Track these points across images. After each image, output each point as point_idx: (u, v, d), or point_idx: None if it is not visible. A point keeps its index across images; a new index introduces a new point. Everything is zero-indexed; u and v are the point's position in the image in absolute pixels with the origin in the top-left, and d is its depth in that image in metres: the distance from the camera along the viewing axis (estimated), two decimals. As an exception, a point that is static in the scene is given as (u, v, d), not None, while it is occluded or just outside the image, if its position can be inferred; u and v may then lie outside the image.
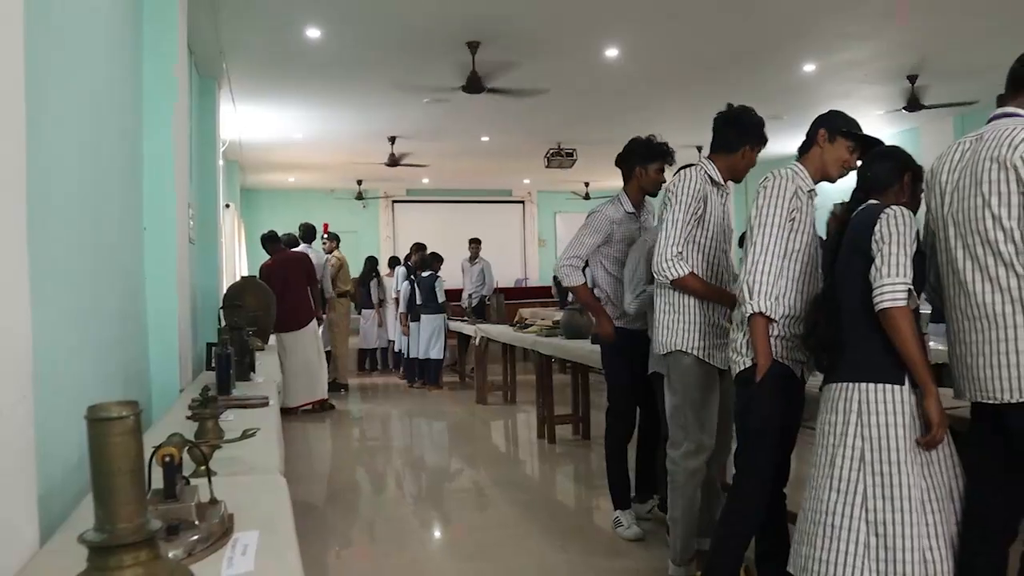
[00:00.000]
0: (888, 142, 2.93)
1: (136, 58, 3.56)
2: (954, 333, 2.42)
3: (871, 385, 2.46)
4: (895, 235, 2.43)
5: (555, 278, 13.11)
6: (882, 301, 2.38)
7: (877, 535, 2.42)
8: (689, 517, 3.36)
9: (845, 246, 2.60)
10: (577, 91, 8.80)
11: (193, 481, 1.56)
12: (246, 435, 1.98)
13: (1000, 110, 2.40)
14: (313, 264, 8.36)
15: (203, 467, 1.69)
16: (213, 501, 1.51)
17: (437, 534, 4.53)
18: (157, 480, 1.42)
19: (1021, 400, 2.21)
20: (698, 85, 8.29)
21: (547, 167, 12.09)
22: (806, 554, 2.56)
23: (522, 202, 18.09)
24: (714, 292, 3.30)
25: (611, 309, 4.19)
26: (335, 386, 9.15)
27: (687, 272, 3.23)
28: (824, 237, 3.04)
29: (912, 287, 2.40)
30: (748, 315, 2.76)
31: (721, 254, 3.39)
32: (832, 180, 2.99)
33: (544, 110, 9.55)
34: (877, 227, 2.47)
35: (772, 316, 2.75)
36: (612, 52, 7.38)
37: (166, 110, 3.78)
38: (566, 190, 16.90)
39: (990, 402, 2.29)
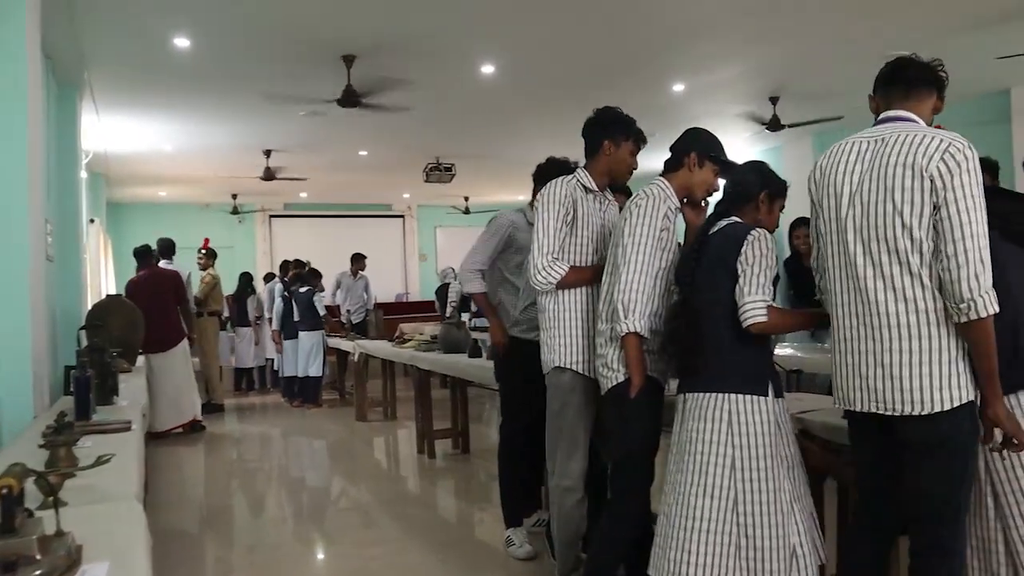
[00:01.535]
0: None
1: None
2: (846, 341, 2.35)
3: (739, 396, 2.58)
4: (758, 258, 2.59)
5: (437, 292, 13.14)
6: (747, 318, 2.54)
7: (747, 536, 2.54)
8: (568, 532, 3.33)
9: (709, 259, 2.69)
10: (454, 106, 8.84)
11: (40, 513, 1.49)
12: (100, 462, 1.90)
13: (892, 113, 2.39)
14: (183, 283, 8.09)
15: (50, 498, 1.60)
16: (59, 533, 1.44)
17: (318, 556, 4.44)
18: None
19: (923, 414, 2.19)
20: (572, 102, 8.42)
21: (426, 181, 12.07)
22: (675, 558, 2.62)
23: (402, 216, 17.99)
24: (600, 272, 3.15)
25: (507, 318, 4.08)
26: (210, 407, 8.84)
27: (566, 269, 3.15)
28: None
29: (772, 303, 2.58)
30: (623, 334, 2.80)
31: (599, 260, 3.26)
32: (696, 201, 3.05)
33: (422, 125, 9.54)
34: (743, 248, 2.60)
35: (645, 334, 2.81)
36: (488, 68, 7.46)
37: (17, 119, 3.58)
38: (446, 204, 16.91)
39: (886, 413, 2.26)
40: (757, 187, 2.80)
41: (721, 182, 3.02)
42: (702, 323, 2.65)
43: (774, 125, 9.23)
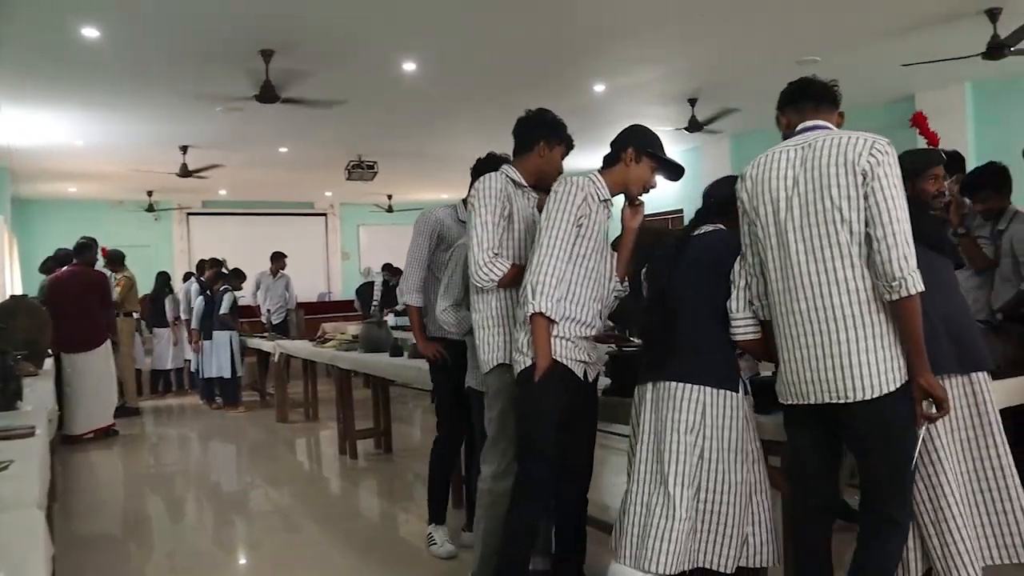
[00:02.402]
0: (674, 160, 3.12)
1: None
2: (793, 338, 2.45)
3: (713, 390, 2.66)
4: None
5: (358, 291, 13.03)
6: (739, 334, 2.66)
7: (703, 521, 2.67)
8: (492, 539, 3.23)
9: (691, 259, 2.79)
10: (376, 103, 8.78)
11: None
12: (-1, 468, 1.83)
13: (810, 123, 2.53)
14: (109, 284, 7.88)
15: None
16: (-48, 543, 1.39)
17: (240, 560, 4.36)
18: None
19: (873, 397, 2.31)
20: (495, 100, 8.47)
21: (348, 179, 11.97)
22: (639, 544, 2.68)
23: (324, 215, 17.78)
24: None
25: (435, 323, 3.89)
26: (125, 411, 8.58)
27: (508, 267, 3.09)
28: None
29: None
30: (529, 315, 2.82)
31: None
32: (632, 197, 3.07)
33: (343, 122, 9.44)
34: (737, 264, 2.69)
35: (553, 317, 2.83)
36: (409, 66, 7.43)
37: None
38: (369, 203, 16.78)
39: (839, 401, 2.36)
40: (732, 198, 2.80)
41: (658, 179, 3.08)
42: (679, 321, 2.74)
43: (693, 126, 9.43)
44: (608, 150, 3.09)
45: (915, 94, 9.05)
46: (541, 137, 3.27)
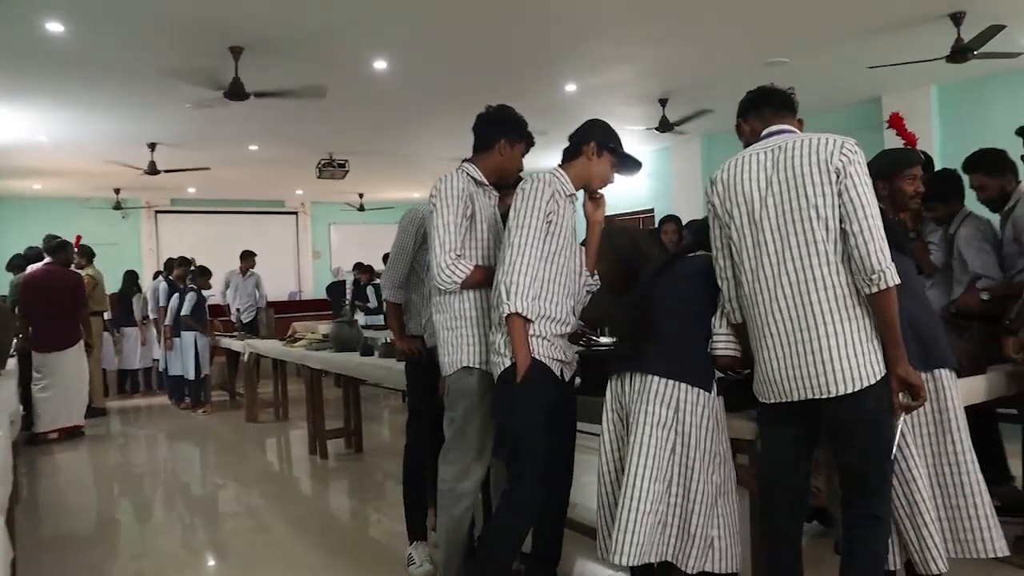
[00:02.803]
0: (645, 160, 3.15)
1: None
2: (773, 337, 2.48)
3: (688, 386, 2.69)
4: None
5: (328, 290, 12.96)
6: (719, 351, 2.73)
7: (674, 515, 2.69)
8: (455, 537, 3.23)
9: (682, 274, 2.88)
10: (347, 102, 8.71)
11: None
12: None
13: (776, 128, 2.60)
14: (84, 285, 7.83)
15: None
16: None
17: (208, 561, 4.32)
18: None
19: (855, 390, 2.35)
20: (467, 99, 8.35)
21: (319, 177, 11.88)
22: (617, 537, 2.70)
23: (295, 213, 17.65)
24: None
25: (417, 317, 3.83)
26: (91, 411, 8.47)
27: (471, 268, 3.05)
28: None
29: None
30: (505, 315, 2.81)
31: (496, 256, 3.13)
32: (592, 191, 3.09)
33: (314, 120, 9.38)
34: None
35: (529, 316, 2.82)
36: (380, 64, 7.39)
37: None
38: (340, 201, 16.67)
39: (822, 397, 2.39)
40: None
41: (616, 175, 3.11)
42: (661, 320, 2.78)
43: (663, 126, 9.48)
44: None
45: (882, 96, 9.16)
46: (503, 135, 3.24)
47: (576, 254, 3.07)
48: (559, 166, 3.08)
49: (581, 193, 3.13)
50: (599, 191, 3.15)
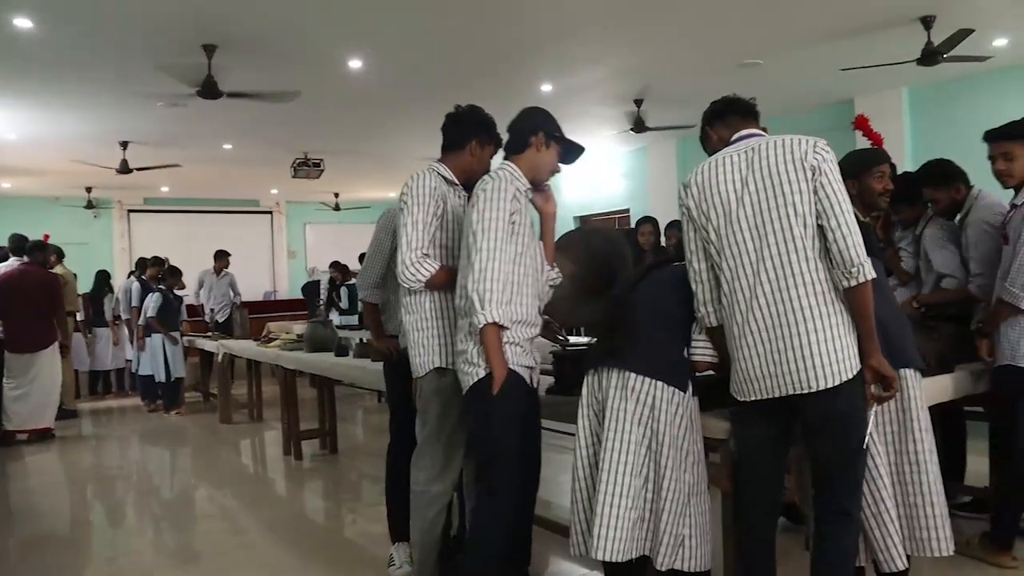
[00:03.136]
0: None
1: None
2: (751, 334, 2.49)
3: (664, 385, 2.69)
4: None
5: (304, 290, 12.90)
6: (698, 355, 2.78)
7: (651, 511, 2.70)
8: (429, 538, 3.22)
9: (664, 280, 2.90)
10: (322, 101, 8.67)
11: None
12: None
13: (745, 132, 2.65)
14: (60, 286, 7.75)
15: None
16: None
17: (182, 563, 4.26)
18: None
19: (834, 385, 2.38)
20: (443, 99, 8.27)
21: (294, 177, 11.84)
22: (585, 531, 2.74)
23: (270, 213, 17.55)
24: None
25: (393, 321, 3.80)
26: (61, 413, 8.36)
27: (436, 268, 3.02)
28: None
29: None
30: (481, 326, 2.73)
31: (465, 257, 3.10)
32: (538, 183, 3.02)
33: (289, 119, 9.32)
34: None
35: (504, 323, 2.76)
36: (356, 63, 7.37)
37: None
38: (316, 201, 16.60)
39: (802, 392, 2.41)
40: None
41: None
42: (641, 322, 2.80)
43: (639, 127, 9.53)
44: None
45: (854, 98, 9.26)
46: (474, 135, 3.24)
47: (538, 250, 3.02)
48: (506, 159, 3.02)
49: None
50: (547, 182, 3.10)
